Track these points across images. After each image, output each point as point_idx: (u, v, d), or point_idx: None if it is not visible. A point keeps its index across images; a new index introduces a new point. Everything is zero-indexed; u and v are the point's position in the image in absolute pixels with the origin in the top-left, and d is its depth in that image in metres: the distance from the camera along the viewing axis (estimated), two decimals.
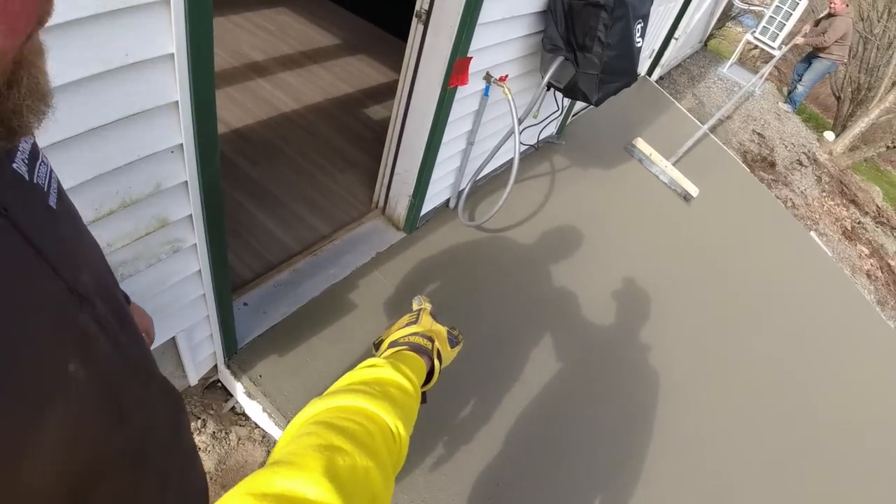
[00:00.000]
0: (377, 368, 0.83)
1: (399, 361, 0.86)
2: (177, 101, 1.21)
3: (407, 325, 1.05)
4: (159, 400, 0.77)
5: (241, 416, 2.22)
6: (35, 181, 0.53)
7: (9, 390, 0.44)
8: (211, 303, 1.82)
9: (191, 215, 1.48)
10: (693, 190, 4.75)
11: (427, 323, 1.06)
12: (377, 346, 1.04)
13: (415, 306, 1.16)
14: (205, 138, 1.34)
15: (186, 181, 1.39)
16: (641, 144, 4.87)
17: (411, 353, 0.94)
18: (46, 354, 0.49)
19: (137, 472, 0.69)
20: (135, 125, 1.17)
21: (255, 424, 2.20)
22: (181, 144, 1.30)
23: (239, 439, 2.15)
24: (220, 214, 1.57)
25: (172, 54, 1.14)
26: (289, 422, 2.00)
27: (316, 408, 0.72)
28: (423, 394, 0.92)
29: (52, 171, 0.57)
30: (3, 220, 0.46)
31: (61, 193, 0.58)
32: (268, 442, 2.17)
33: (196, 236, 1.55)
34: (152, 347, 1.05)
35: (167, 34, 1.10)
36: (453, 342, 1.08)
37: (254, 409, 2.16)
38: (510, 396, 2.52)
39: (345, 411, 0.70)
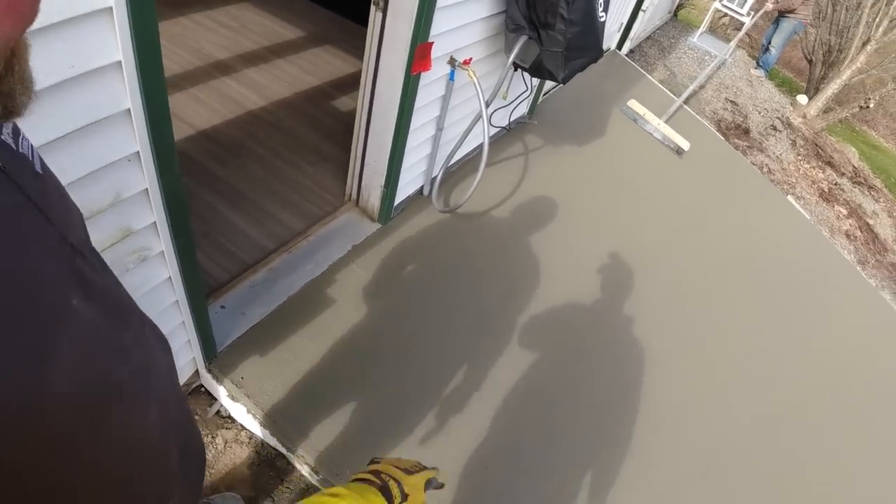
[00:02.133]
0: (339, 499, 0.82)
1: (363, 494, 0.86)
2: (129, 109, 1.20)
3: (404, 469, 1.01)
4: (153, 340, 0.81)
5: (226, 419, 2.20)
6: (20, 150, 0.58)
7: (30, 305, 0.50)
8: (185, 309, 1.80)
9: (155, 223, 1.46)
10: (685, 144, 5.05)
11: (416, 482, 1.00)
12: (370, 463, 1.03)
13: (429, 474, 1.08)
14: (161, 144, 1.31)
15: (147, 189, 1.36)
16: (635, 105, 5.18)
17: (374, 490, 0.91)
18: (54, 285, 0.55)
19: (144, 401, 0.73)
20: (89, 136, 1.15)
21: (242, 426, 2.19)
22: (137, 152, 1.28)
23: (226, 442, 2.14)
24: (186, 219, 1.55)
25: (120, 62, 1.11)
26: (274, 422, 1.98)
27: None
28: None
29: (32, 145, 0.62)
30: (2, 174, 0.51)
31: (44, 164, 0.63)
32: (255, 443, 2.16)
33: (162, 243, 1.53)
34: None
35: (112, 42, 1.08)
36: (432, 486, 1.05)
37: (238, 411, 2.15)
38: (495, 381, 2.53)
39: None
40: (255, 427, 2.13)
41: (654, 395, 2.84)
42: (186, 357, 2.03)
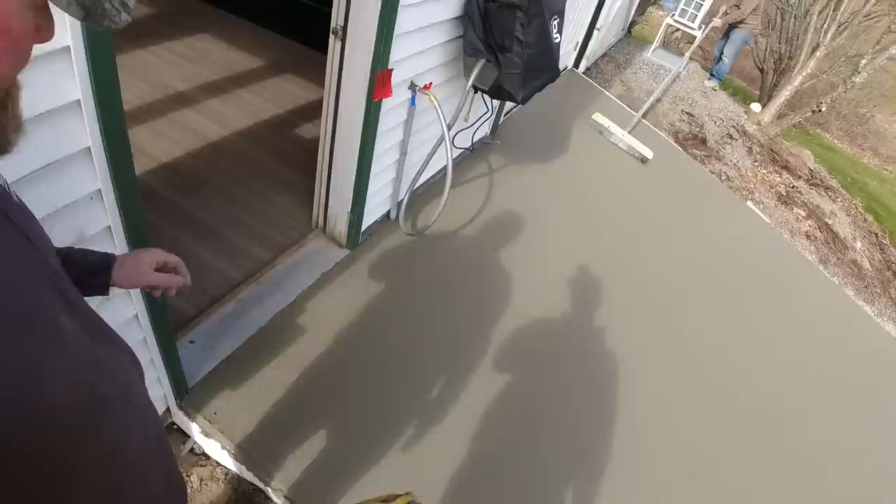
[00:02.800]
0: None
1: None
2: (89, 147, 1.19)
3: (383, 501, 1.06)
4: (131, 365, 0.85)
5: (200, 457, 2.17)
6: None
7: (28, 322, 0.53)
8: (153, 346, 1.78)
9: None
10: (648, 153, 5.28)
11: None
12: None
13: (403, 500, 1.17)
14: (122, 181, 1.31)
15: (110, 226, 1.35)
16: (599, 117, 5.41)
17: None
18: (45, 304, 0.58)
19: (129, 419, 0.76)
20: (49, 175, 1.14)
21: (217, 463, 2.15)
22: (99, 190, 1.27)
23: (202, 480, 2.11)
24: None
25: (79, 100, 1.12)
26: (250, 457, 1.95)
27: None
28: None
29: (5, 178, 0.65)
30: None
31: (18, 197, 0.67)
32: (231, 479, 2.13)
33: None
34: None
35: (71, 81, 1.09)
36: None
37: (213, 447, 2.12)
38: (471, 402, 2.53)
39: None
40: (230, 463, 2.10)
41: (627, 405, 2.87)
42: (157, 395, 1.99)
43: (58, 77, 1.06)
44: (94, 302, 1.40)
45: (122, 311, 1.57)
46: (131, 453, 0.75)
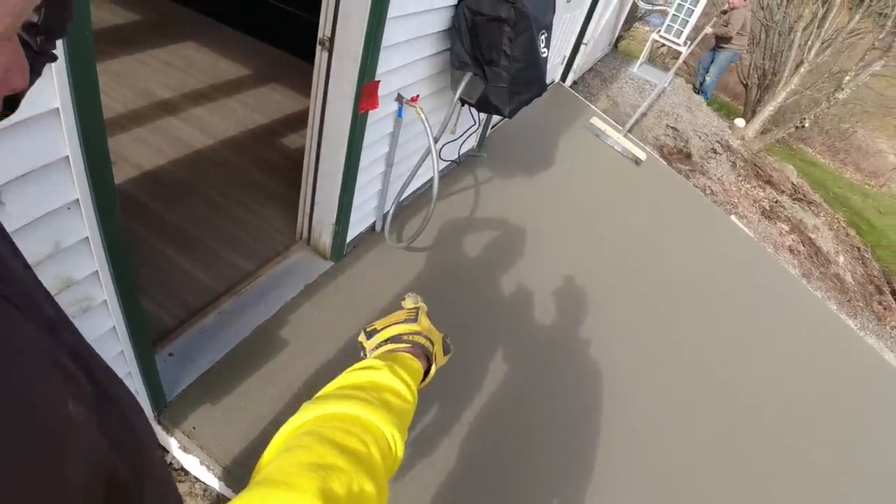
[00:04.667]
0: (374, 371, 0.78)
1: (396, 363, 0.81)
2: (68, 156, 1.17)
3: (405, 321, 0.97)
4: (133, 413, 0.74)
5: (179, 472, 2.12)
6: None
7: (37, 437, 0.44)
8: (131, 359, 1.75)
9: (97, 271, 1.42)
10: (642, 155, 5.70)
11: (426, 324, 1.00)
12: (369, 334, 0.96)
13: (409, 304, 1.08)
14: (102, 191, 1.28)
15: (88, 237, 1.33)
16: (597, 122, 5.82)
17: (408, 355, 0.88)
18: (51, 398, 0.49)
19: (146, 492, 0.67)
20: (26, 184, 1.11)
21: (196, 479, 2.11)
22: (77, 200, 1.24)
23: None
24: (129, 267, 1.51)
25: (58, 109, 1.09)
26: (230, 473, 1.90)
27: (307, 414, 0.67)
28: None
29: None
30: None
31: None
32: (210, 495, 2.09)
33: (105, 292, 1.49)
34: None
35: (50, 89, 1.06)
36: (447, 349, 1.03)
37: (191, 463, 2.08)
38: (458, 415, 2.51)
39: (340, 420, 0.66)
40: (210, 479, 2.06)
41: (615, 417, 2.86)
42: None
43: (37, 85, 1.03)
44: (69, 317, 1.38)
45: (101, 323, 1.54)
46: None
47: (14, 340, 0.48)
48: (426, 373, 0.92)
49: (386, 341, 0.93)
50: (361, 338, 0.97)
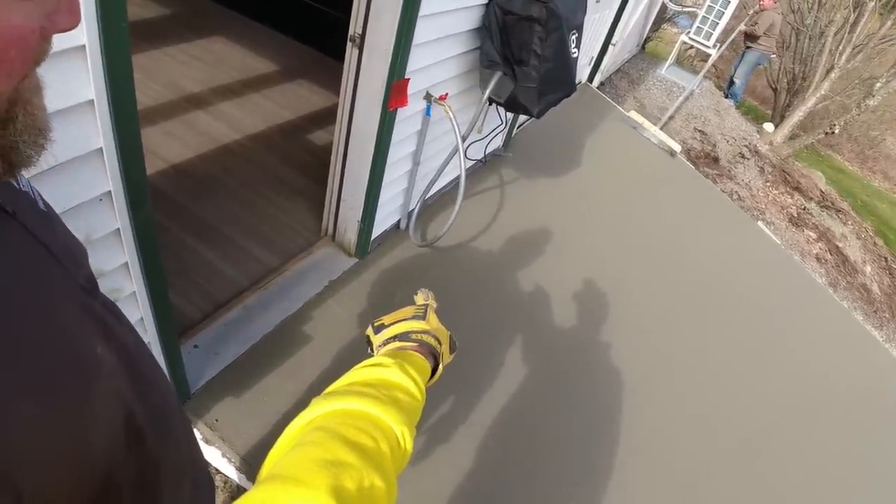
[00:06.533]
0: (383, 369, 0.78)
1: (405, 361, 0.81)
2: (101, 148, 1.17)
3: (413, 317, 0.97)
4: (161, 377, 0.77)
5: None
6: (22, 188, 0.57)
7: (66, 362, 0.49)
8: (157, 350, 1.76)
9: (126, 263, 1.43)
10: (676, 147, 5.96)
11: (434, 322, 0.99)
12: (377, 329, 0.96)
13: (420, 300, 1.08)
14: (133, 183, 1.29)
15: (119, 228, 1.34)
16: (634, 115, 6.10)
17: (416, 353, 0.88)
18: (80, 336, 0.53)
19: (161, 438, 0.70)
20: (59, 176, 1.12)
21: (216, 471, 2.12)
22: (109, 192, 1.25)
23: None
24: (158, 259, 1.52)
25: (92, 100, 1.10)
26: (251, 466, 1.90)
27: (318, 410, 0.67)
28: None
29: (29, 181, 0.60)
30: (14, 221, 0.50)
31: (45, 201, 0.61)
32: (230, 487, 2.09)
33: (134, 284, 1.50)
34: None
35: (85, 81, 1.07)
36: (452, 348, 1.02)
37: (213, 455, 2.08)
38: (477, 412, 2.50)
39: (350, 416, 0.66)
40: (230, 471, 2.07)
41: (631, 423, 2.83)
42: None
43: (71, 76, 1.04)
44: None
45: (129, 314, 1.53)
46: (164, 476, 0.70)
47: (55, 286, 0.53)
48: (433, 371, 0.92)
49: (394, 338, 0.93)
50: (369, 331, 0.98)
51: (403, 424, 0.68)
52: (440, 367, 0.93)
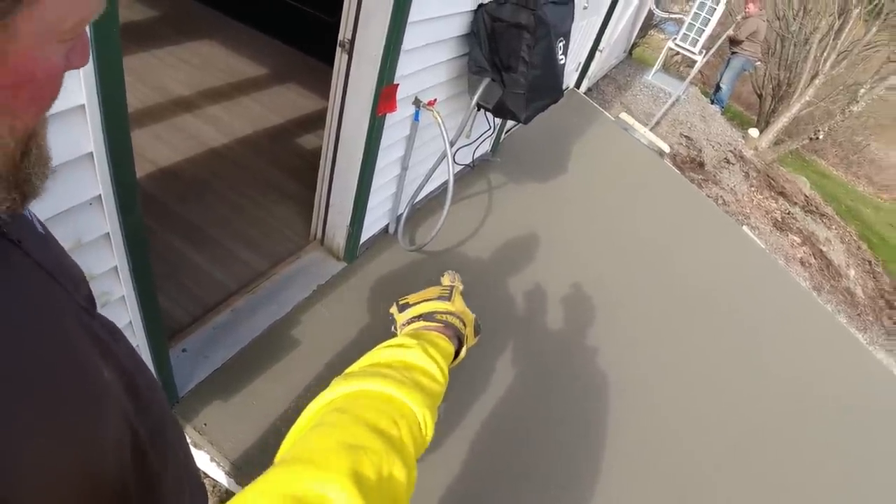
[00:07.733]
0: (405, 350, 0.77)
1: (427, 342, 0.80)
2: (91, 153, 1.18)
3: (439, 298, 0.96)
4: (156, 388, 0.78)
5: None
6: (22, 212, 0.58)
7: (80, 396, 0.50)
8: (146, 354, 1.76)
9: (116, 267, 1.43)
10: (665, 147, 6.30)
11: (460, 305, 0.98)
12: (401, 307, 0.95)
13: (446, 281, 1.07)
14: (124, 187, 1.30)
15: (108, 233, 1.34)
16: (625, 117, 6.39)
17: (440, 335, 0.87)
18: (91, 365, 0.54)
19: (165, 448, 0.70)
20: (50, 180, 1.11)
21: (205, 475, 2.12)
22: (100, 195, 1.25)
23: None
24: (147, 263, 1.52)
25: (83, 105, 1.10)
26: (240, 470, 1.90)
27: (338, 391, 0.66)
28: None
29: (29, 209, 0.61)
30: (19, 249, 0.51)
31: (42, 223, 0.62)
32: (219, 493, 2.09)
33: (123, 288, 1.50)
34: None
35: (76, 86, 1.07)
36: (477, 331, 1.01)
37: (202, 459, 2.08)
38: (466, 415, 2.51)
39: (371, 398, 0.65)
40: (219, 476, 2.07)
41: (618, 427, 2.85)
42: None
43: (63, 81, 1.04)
44: None
45: (118, 318, 1.55)
46: (167, 488, 0.71)
47: (64, 314, 0.53)
48: (457, 353, 0.91)
49: (418, 317, 0.92)
50: (393, 310, 0.97)
51: (426, 407, 0.67)
52: (464, 349, 0.92)
